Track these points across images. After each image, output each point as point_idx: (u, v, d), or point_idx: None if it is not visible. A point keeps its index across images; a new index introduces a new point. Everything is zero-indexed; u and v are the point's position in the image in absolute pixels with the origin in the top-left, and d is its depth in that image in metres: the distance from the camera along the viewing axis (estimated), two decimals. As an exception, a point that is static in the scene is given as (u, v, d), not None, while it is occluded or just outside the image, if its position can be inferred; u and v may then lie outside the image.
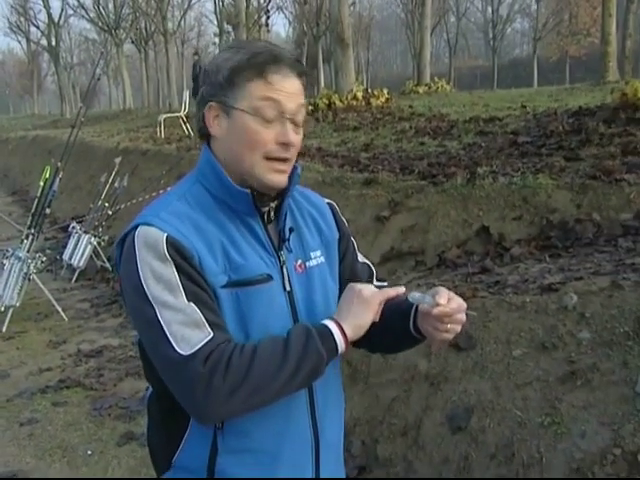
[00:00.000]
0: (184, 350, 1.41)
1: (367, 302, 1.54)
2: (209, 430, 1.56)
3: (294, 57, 1.57)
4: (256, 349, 1.44)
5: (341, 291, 1.72)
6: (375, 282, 1.86)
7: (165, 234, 1.46)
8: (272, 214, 1.63)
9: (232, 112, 1.54)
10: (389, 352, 1.86)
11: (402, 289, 1.59)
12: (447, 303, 1.53)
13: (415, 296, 1.56)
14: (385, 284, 1.88)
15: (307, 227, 1.73)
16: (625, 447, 2.64)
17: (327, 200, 1.86)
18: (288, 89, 1.53)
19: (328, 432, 1.70)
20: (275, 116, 1.52)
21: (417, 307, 1.62)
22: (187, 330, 1.42)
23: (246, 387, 1.42)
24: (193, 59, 24.27)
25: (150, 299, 1.44)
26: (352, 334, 1.53)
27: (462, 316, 1.57)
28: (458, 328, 1.58)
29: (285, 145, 1.54)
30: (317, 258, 1.71)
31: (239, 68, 1.52)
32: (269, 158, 1.54)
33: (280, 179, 1.57)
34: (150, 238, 1.47)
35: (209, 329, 1.43)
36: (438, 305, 1.52)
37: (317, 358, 1.47)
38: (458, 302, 1.56)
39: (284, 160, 1.56)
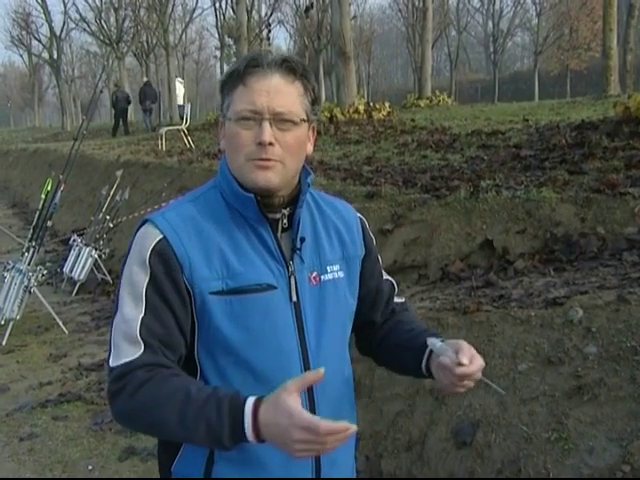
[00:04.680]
0: (112, 361, 1.49)
1: (292, 448, 1.33)
2: None
3: (281, 57, 1.55)
4: (168, 398, 1.42)
5: (359, 307, 1.76)
6: (395, 299, 1.89)
7: (159, 237, 1.53)
8: (285, 222, 1.62)
9: (226, 122, 1.59)
10: (394, 372, 1.83)
11: (339, 427, 1.31)
12: (469, 363, 1.49)
13: (436, 345, 1.54)
14: (402, 300, 1.91)
15: (328, 238, 1.71)
16: (634, 464, 2.60)
17: (359, 215, 1.83)
18: (264, 88, 1.52)
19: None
20: (252, 116, 1.53)
21: (431, 349, 1.60)
22: (123, 343, 1.49)
23: (147, 421, 1.47)
24: (113, 89, 25.17)
25: (119, 297, 1.53)
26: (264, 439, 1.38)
27: (479, 374, 1.54)
28: (472, 384, 1.55)
29: (260, 145, 1.52)
30: (334, 272, 1.68)
31: (226, 80, 1.58)
32: (252, 159, 1.54)
33: (264, 175, 1.54)
34: (144, 239, 1.55)
35: (142, 348, 1.48)
36: (461, 364, 1.48)
37: (218, 445, 1.42)
38: (479, 363, 1.53)
39: (265, 160, 1.53)
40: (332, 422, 1.29)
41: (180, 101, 24.57)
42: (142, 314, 1.50)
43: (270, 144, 1.52)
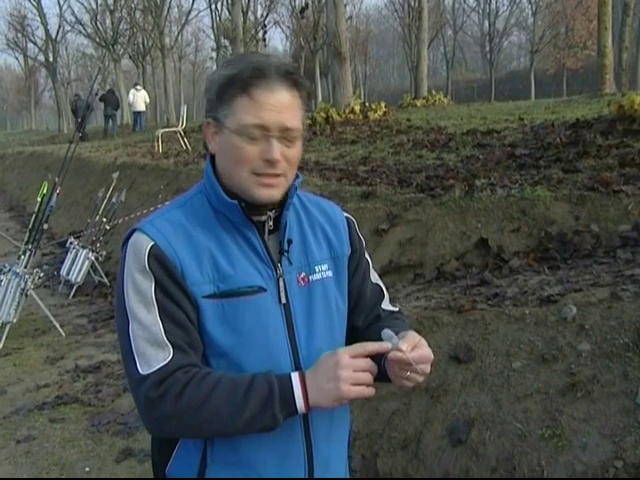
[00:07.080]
0: (143, 369, 1.47)
1: (339, 380, 1.44)
2: (200, 442, 1.58)
3: (285, 68, 1.53)
4: (215, 387, 1.46)
5: (349, 310, 1.74)
6: (384, 306, 1.82)
7: (151, 243, 1.52)
8: (271, 224, 1.62)
9: (222, 129, 1.55)
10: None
11: (386, 345, 1.48)
12: (410, 351, 1.47)
13: (386, 334, 1.50)
14: (396, 309, 1.85)
15: (315, 239, 1.71)
16: (627, 459, 2.62)
17: (346, 214, 1.82)
18: (273, 104, 1.50)
19: (325, 449, 1.66)
20: (260, 134, 1.50)
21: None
22: (149, 348, 1.48)
23: (195, 420, 1.46)
24: (74, 98, 25.83)
25: (127, 309, 1.51)
26: (316, 404, 1.47)
27: (425, 367, 1.50)
28: (419, 378, 1.52)
29: (269, 162, 1.51)
30: (322, 272, 1.68)
31: (225, 85, 1.53)
32: (256, 173, 1.53)
33: (268, 193, 1.55)
34: (138, 247, 1.53)
35: (171, 350, 1.48)
36: (399, 350, 1.46)
37: (272, 421, 1.47)
38: (423, 353, 1.50)
39: (272, 175, 1.53)
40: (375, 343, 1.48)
41: (141, 107, 24.68)
42: (159, 318, 1.49)
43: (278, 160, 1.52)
